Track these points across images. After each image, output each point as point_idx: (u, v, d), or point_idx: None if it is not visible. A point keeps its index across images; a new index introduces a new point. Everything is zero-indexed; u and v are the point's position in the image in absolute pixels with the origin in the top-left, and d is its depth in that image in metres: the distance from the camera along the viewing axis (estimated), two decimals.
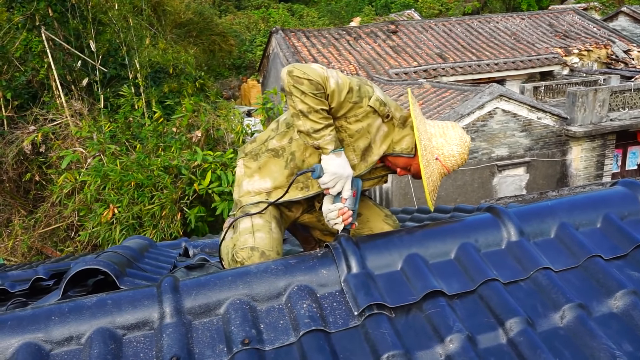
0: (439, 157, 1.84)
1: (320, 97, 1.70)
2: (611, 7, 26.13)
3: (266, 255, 1.76)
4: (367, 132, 1.84)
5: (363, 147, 1.86)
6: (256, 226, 1.83)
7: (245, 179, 1.98)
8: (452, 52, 15.90)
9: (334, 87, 1.72)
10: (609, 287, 1.48)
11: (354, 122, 1.81)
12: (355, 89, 1.78)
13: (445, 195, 9.72)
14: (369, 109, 1.81)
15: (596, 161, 10.96)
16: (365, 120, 1.82)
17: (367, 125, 1.83)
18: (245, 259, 1.75)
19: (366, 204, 2.04)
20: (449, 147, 1.85)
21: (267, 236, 1.80)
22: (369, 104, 1.80)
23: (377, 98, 1.82)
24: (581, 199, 1.81)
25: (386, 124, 1.87)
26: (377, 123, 1.84)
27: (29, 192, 8.96)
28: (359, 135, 1.83)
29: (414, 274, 1.50)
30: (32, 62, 9.36)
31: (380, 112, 1.83)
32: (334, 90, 1.72)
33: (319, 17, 33.37)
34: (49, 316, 1.34)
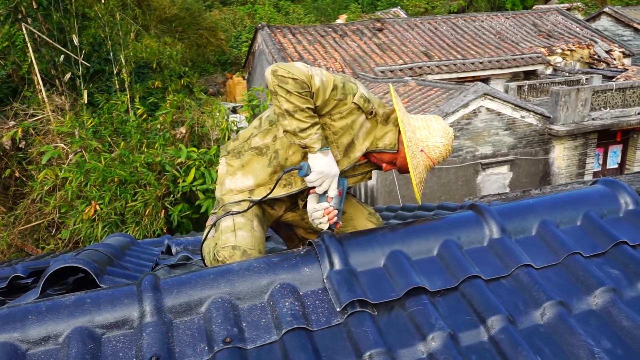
0: (423, 149, 1.85)
1: (305, 95, 1.69)
2: (594, 8, 26.51)
3: (248, 254, 1.75)
4: (351, 128, 1.84)
5: (346, 144, 1.86)
6: (238, 225, 1.81)
7: (227, 177, 1.96)
8: (438, 50, 15.98)
9: (319, 84, 1.72)
10: (588, 284, 1.50)
11: (338, 119, 1.81)
12: (339, 86, 1.78)
13: (430, 193, 9.78)
14: (353, 106, 1.81)
15: (578, 160, 11.12)
16: (349, 117, 1.82)
17: (351, 122, 1.83)
18: (226, 258, 1.74)
19: (350, 202, 2.04)
20: (433, 139, 1.85)
21: (249, 235, 1.79)
22: (353, 100, 1.80)
23: (361, 95, 1.82)
24: (562, 197, 1.83)
25: (369, 121, 1.87)
26: (360, 120, 1.85)
27: (9, 189, 8.80)
28: (342, 132, 1.83)
29: (397, 271, 1.50)
30: (14, 56, 9.18)
31: (364, 109, 1.83)
32: (319, 88, 1.72)
33: (305, 13, 33.29)
34: (26, 315, 1.31)
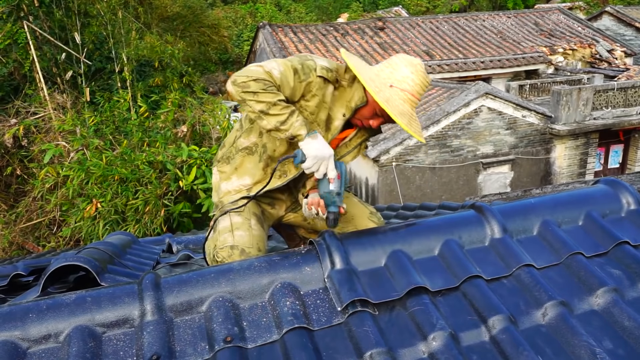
0: (392, 84, 1.78)
1: (272, 90, 1.71)
2: (595, 7, 26.45)
3: (246, 252, 1.74)
4: (324, 102, 1.84)
5: (325, 119, 1.87)
6: (235, 225, 1.81)
7: (222, 182, 1.97)
8: (439, 49, 15.96)
9: (279, 76, 1.74)
10: (590, 284, 1.50)
11: (311, 99, 1.82)
12: (299, 67, 1.79)
13: (431, 192, 9.78)
14: (319, 80, 1.81)
15: (579, 159, 11.10)
16: (319, 93, 1.83)
17: (322, 96, 1.83)
18: (225, 259, 1.74)
19: (351, 202, 2.04)
20: (398, 72, 1.80)
21: (247, 233, 1.79)
22: (317, 75, 1.80)
23: (322, 67, 1.81)
24: (564, 197, 1.83)
25: (338, 89, 1.87)
26: (329, 91, 1.84)
27: (10, 186, 8.81)
28: (318, 109, 1.84)
29: (398, 270, 1.50)
30: (16, 54, 9.18)
31: (330, 79, 1.83)
32: (282, 79, 1.74)
33: (306, 12, 33.27)
34: (27, 313, 1.31)
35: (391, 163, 9.38)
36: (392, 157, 9.37)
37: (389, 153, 9.31)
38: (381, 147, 9.20)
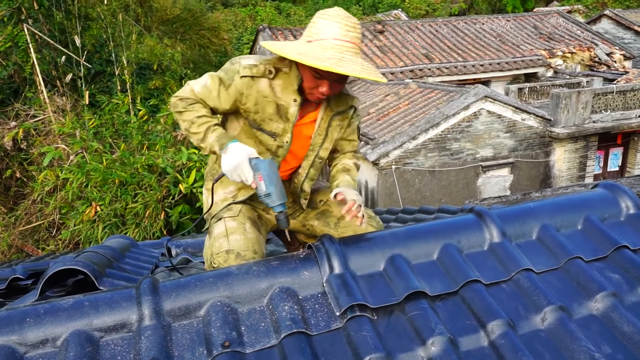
0: (309, 40, 1.70)
1: (192, 107, 1.76)
2: (594, 10, 26.51)
3: (242, 255, 1.74)
4: (263, 97, 1.79)
5: (274, 111, 1.81)
6: (230, 229, 1.81)
7: (209, 198, 1.99)
8: (438, 52, 15.99)
9: (201, 90, 1.78)
10: (589, 289, 1.50)
11: (246, 100, 1.79)
12: (223, 75, 1.79)
13: (430, 195, 9.78)
14: (246, 80, 1.77)
15: (579, 162, 11.11)
16: (252, 91, 1.78)
17: (256, 92, 1.78)
18: (221, 264, 1.74)
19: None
20: (315, 27, 1.71)
21: (242, 237, 1.79)
22: (241, 76, 1.77)
23: (244, 66, 1.77)
24: (563, 201, 1.82)
25: (277, 79, 1.79)
26: (264, 85, 1.78)
27: (9, 189, 8.81)
28: (259, 106, 1.80)
29: (397, 275, 1.50)
30: (16, 57, 9.19)
31: (257, 74, 1.76)
32: (203, 92, 1.78)
33: (306, 15, 33.33)
34: (24, 318, 1.30)
35: (391, 166, 9.38)
36: (392, 160, 9.37)
37: (389, 156, 9.31)
38: (381, 150, 9.20)
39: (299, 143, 1.91)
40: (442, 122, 9.61)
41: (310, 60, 1.61)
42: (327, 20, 1.69)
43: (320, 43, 1.67)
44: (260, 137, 1.87)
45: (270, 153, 1.87)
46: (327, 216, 2.02)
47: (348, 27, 1.69)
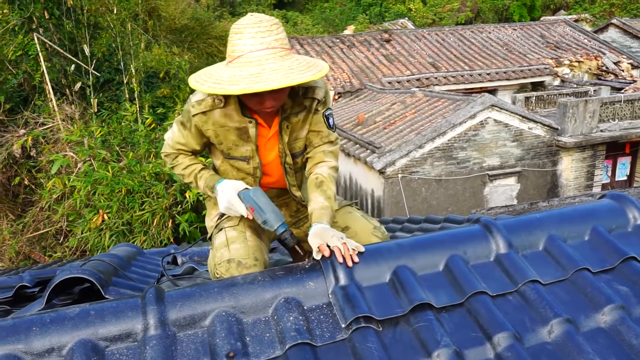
0: (229, 61, 1.62)
1: (176, 161, 1.92)
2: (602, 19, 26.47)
3: (243, 264, 1.75)
4: (221, 126, 1.78)
5: (236, 137, 1.80)
6: (230, 239, 1.82)
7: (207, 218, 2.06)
8: (445, 61, 16.01)
9: (173, 139, 1.89)
10: (597, 301, 1.48)
11: (207, 133, 1.81)
12: (182, 119, 1.84)
13: (437, 204, 9.74)
14: (199, 116, 1.77)
15: (586, 172, 11.04)
16: (208, 124, 1.78)
17: (212, 125, 1.78)
18: (223, 273, 1.74)
19: (354, 217, 2.02)
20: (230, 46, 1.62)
21: (242, 245, 1.79)
22: (192, 115, 1.77)
23: (193, 104, 1.77)
24: (569, 212, 1.81)
25: (228, 105, 1.75)
26: (217, 115, 1.76)
27: (18, 196, 8.87)
28: (220, 137, 1.81)
29: (402, 286, 1.49)
30: (27, 65, 9.29)
31: (206, 108, 1.75)
32: (175, 140, 1.89)
33: (313, 24, 33.53)
34: (30, 327, 1.31)
35: (397, 175, 9.37)
36: (398, 168, 9.36)
37: (395, 165, 9.30)
38: (387, 158, 9.20)
39: (272, 157, 1.90)
40: (449, 130, 9.60)
41: (223, 87, 1.53)
42: (239, 33, 1.59)
43: (238, 61, 1.58)
44: (234, 164, 1.88)
45: (251, 176, 1.89)
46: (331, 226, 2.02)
47: (261, 33, 1.57)
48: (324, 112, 1.88)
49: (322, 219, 1.70)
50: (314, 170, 1.87)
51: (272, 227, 1.72)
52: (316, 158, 1.90)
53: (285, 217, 1.94)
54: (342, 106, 13.50)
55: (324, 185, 1.81)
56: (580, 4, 37.60)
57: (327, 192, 1.79)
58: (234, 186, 1.78)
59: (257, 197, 1.74)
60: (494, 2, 37.79)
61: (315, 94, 1.82)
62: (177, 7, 19.04)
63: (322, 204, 1.76)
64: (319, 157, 1.89)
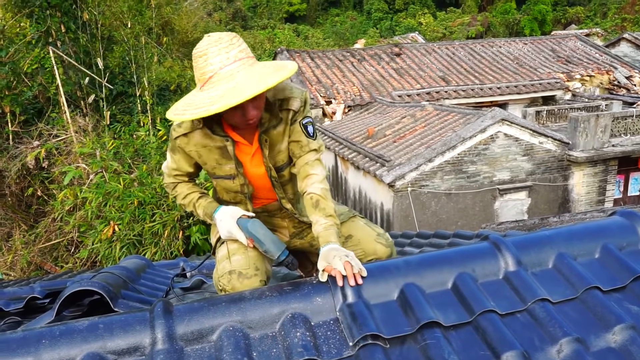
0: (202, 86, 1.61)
1: (175, 191, 1.97)
2: (613, 34, 26.39)
3: (244, 274, 1.77)
4: (203, 147, 1.82)
5: (219, 155, 1.83)
6: (231, 251, 1.85)
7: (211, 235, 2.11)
8: (455, 75, 16.02)
9: (168, 168, 1.95)
10: (607, 320, 1.46)
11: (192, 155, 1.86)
12: (170, 145, 1.89)
13: (447, 218, 9.69)
14: (179, 139, 1.82)
15: (598, 186, 10.93)
16: (190, 147, 1.83)
17: (193, 146, 1.82)
18: (226, 285, 1.77)
19: (356, 225, 2.03)
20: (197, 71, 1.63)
21: (243, 257, 1.82)
22: (174, 138, 1.83)
23: (174, 128, 1.82)
24: (579, 229, 1.80)
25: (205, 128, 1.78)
26: (197, 136, 1.80)
27: (31, 207, 8.97)
28: (203, 157, 1.85)
29: (411, 304, 1.49)
30: (42, 78, 9.46)
31: (186, 131, 1.79)
32: (170, 168, 1.94)
33: (324, 38, 33.80)
34: (40, 339, 1.32)
35: (406, 188, 9.35)
36: (408, 182, 9.34)
37: (405, 178, 9.28)
38: (397, 172, 9.19)
39: (261, 172, 1.91)
40: (459, 144, 9.58)
41: (205, 109, 1.53)
42: (203, 55, 1.60)
43: (210, 82, 1.59)
44: (222, 184, 1.92)
45: (241, 194, 1.92)
46: None
47: (225, 48, 1.59)
48: (301, 120, 1.85)
49: (330, 239, 1.67)
50: (306, 189, 1.83)
51: (273, 256, 1.77)
52: (302, 172, 1.86)
53: (290, 228, 2.02)
54: (352, 119, 13.55)
55: (320, 203, 1.78)
56: (591, 19, 37.56)
57: (325, 210, 1.77)
58: (232, 214, 1.83)
59: (254, 229, 1.78)
60: (505, 17, 37.87)
61: (290, 105, 1.81)
62: (189, 21, 19.32)
63: (324, 224, 1.73)
64: (304, 171, 1.85)
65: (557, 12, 39.93)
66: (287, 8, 42.07)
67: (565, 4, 42.08)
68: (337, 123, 13.67)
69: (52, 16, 9.19)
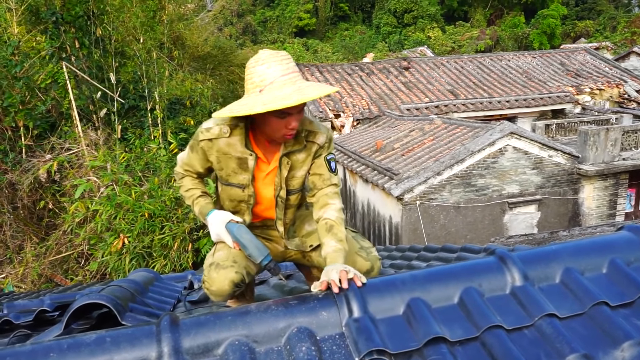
0: (261, 89, 1.74)
1: (182, 181, 2.06)
2: (623, 47, 26.31)
3: (220, 265, 1.87)
4: (224, 154, 1.92)
5: (236, 165, 1.93)
6: (218, 247, 1.97)
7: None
8: (464, 88, 16.04)
9: (183, 160, 2.04)
10: (615, 337, 1.45)
11: (211, 160, 1.95)
12: (192, 142, 1.98)
13: (455, 231, 9.64)
14: (205, 142, 1.92)
15: (609, 200, 10.83)
16: (212, 152, 1.93)
17: (216, 152, 1.92)
18: (205, 276, 1.89)
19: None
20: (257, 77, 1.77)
21: (225, 252, 1.92)
22: (199, 140, 1.93)
23: (201, 131, 1.92)
24: (586, 244, 1.79)
25: (232, 136, 1.89)
26: (222, 143, 1.90)
27: (42, 220, 9.05)
28: (222, 163, 1.94)
29: (417, 319, 1.49)
30: (55, 92, 9.61)
31: (213, 136, 1.89)
32: (184, 161, 2.03)
33: (332, 52, 34.03)
34: (48, 353, 1.34)
35: (415, 201, 9.33)
36: (416, 195, 9.32)
37: (413, 191, 9.27)
38: (405, 185, 9.18)
39: (268, 191, 2.01)
40: (467, 158, 9.56)
41: (278, 103, 1.66)
42: (264, 64, 1.76)
43: (272, 86, 1.73)
44: (230, 191, 1.99)
45: (245, 203, 2.00)
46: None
47: (284, 60, 1.78)
48: (325, 156, 1.99)
49: (336, 261, 1.74)
50: (322, 215, 1.93)
51: (255, 260, 1.86)
52: (321, 201, 1.96)
53: (282, 244, 2.12)
54: (361, 132, 13.58)
55: (334, 229, 1.87)
56: (601, 32, 37.50)
57: (337, 234, 1.85)
58: (222, 219, 1.92)
59: (240, 234, 1.89)
60: (514, 30, 37.94)
61: (316, 139, 1.96)
62: (200, 35, 19.57)
63: (334, 247, 1.81)
64: (323, 201, 1.96)
65: (567, 26, 39.94)
66: (296, 23, 42.50)
67: (574, 18, 42.09)
68: (345, 136, 13.71)
69: (66, 32, 9.37)
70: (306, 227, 2.14)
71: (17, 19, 9.77)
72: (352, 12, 46.23)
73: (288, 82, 1.73)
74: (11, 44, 9.19)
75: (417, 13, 40.13)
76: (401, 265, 3.02)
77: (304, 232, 2.13)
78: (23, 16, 9.78)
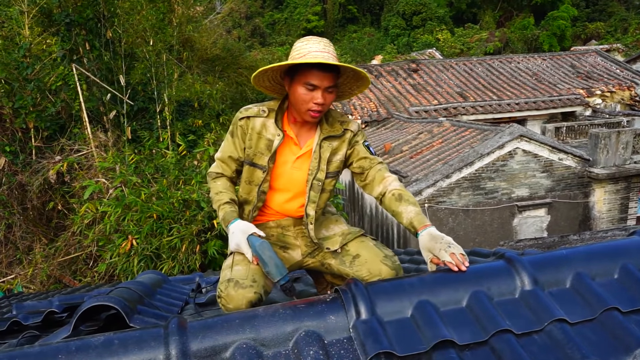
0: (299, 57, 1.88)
1: (214, 182, 2.09)
2: (634, 49, 26.08)
3: (240, 283, 1.82)
4: (257, 133, 2.00)
5: (264, 146, 2.00)
6: (236, 261, 1.92)
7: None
8: (473, 91, 15.97)
9: (220, 153, 2.08)
10: (627, 343, 1.43)
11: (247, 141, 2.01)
12: (231, 128, 2.06)
13: (464, 234, 9.59)
14: (243, 122, 2.01)
15: (620, 204, 10.72)
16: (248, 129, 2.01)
17: (251, 129, 2.00)
18: (222, 292, 1.84)
19: (365, 245, 2.04)
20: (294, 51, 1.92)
21: (244, 268, 1.88)
22: (239, 118, 2.02)
23: (241, 111, 2.05)
24: (597, 249, 1.77)
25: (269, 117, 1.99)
26: (258, 122, 1.99)
27: (51, 221, 9.11)
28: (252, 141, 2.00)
29: (425, 322, 1.48)
30: (65, 94, 9.69)
31: (251, 114, 1.99)
32: (223, 152, 2.07)
33: (341, 54, 34.03)
34: (56, 354, 1.34)
35: (423, 204, 9.29)
36: (425, 198, 9.29)
37: (422, 194, 9.23)
38: (413, 188, 9.14)
39: (298, 175, 2.04)
40: (477, 161, 9.51)
41: (306, 57, 1.82)
42: (305, 42, 1.91)
43: (305, 57, 1.85)
44: (251, 171, 2.03)
45: (257, 189, 2.03)
46: (343, 254, 2.04)
47: (325, 45, 1.90)
48: (362, 142, 2.10)
49: (426, 222, 1.88)
50: (386, 187, 2.02)
51: (273, 278, 1.81)
52: (377, 177, 2.06)
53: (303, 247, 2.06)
54: (369, 135, 13.56)
55: (404, 195, 1.98)
56: (612, 34, 37.21)
57: (409, 200, 1.96)
58: (244, 230, 1.90)
59: (262, 250, 1.84)
60: (523, 32, 37.75)
61: (349, 126, 2.07)
62: (209, 38, 19.64)
63: (414, 210, 1.92)
64: (380, 176, 2.05)
65: (577, 28, 39.66)
66: (305, 25, 42.58)
67: (585, 20, 41.77)
68: None
69: (77, 34, 9.45)
70: (323, 231, 2.13)
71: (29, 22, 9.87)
72: (361, 14, 46.25)
73: (319, 56, 1.85)
74: (23, 46, 9.28)
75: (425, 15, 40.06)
76: (409, 269, 3.00)
77: (321, 235, 2.11)
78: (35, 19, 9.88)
